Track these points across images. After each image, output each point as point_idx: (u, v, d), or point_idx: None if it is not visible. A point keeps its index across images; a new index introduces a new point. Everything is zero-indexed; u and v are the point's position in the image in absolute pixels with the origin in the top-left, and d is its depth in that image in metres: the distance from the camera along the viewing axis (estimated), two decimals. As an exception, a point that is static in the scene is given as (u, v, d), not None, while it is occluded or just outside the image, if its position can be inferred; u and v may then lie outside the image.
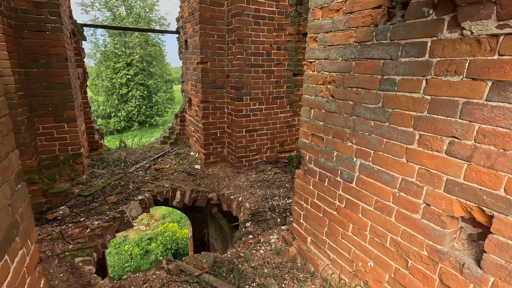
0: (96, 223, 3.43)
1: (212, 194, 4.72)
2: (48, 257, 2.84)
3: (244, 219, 3.74)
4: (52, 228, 3.31)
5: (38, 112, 4.04)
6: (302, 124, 2.54)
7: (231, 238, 5.58)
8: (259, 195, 4.29)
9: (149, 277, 2.60)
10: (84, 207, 3.79)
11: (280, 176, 5.00)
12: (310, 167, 2.49)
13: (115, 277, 7.66)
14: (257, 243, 3.18)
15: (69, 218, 3.52)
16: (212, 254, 2.74)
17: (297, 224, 2.80)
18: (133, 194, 4.22)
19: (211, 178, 5.02)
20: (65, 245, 3.02)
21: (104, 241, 3.32)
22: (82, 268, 2.81)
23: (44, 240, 3.07)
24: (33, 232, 1.75)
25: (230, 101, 5.13)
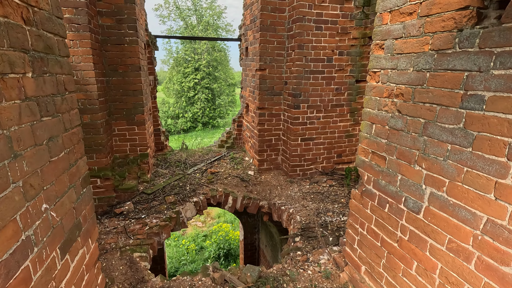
0: (155, 221, 3.68)
1: (263, 202, 4.67)
2: (112, 249, 3.13)
3: (294, 233, 3.58)
4: (118, 221, 3.67)
5: (115, 115, 4.55)
6: (362, 140, 2.29)
7: (280, 248, 5.45)
8: (311, 209, 4.08)
9: (195, 282, 2.65)
10: (146, 205, 4.12)
11: (336, 189, 4.69)
12: (368, 189, 2.23)
13: (172, 269, 8.22)
14: (305, 262, 3.00)
15: (133, 214, 3.86)
16: (257, 269, 2.67)
17: (350, 249, 2.54)
18: (189, 196, 4.44)
19: (263, 186, 4.98)
20: (127, 240, 3.30)
21: (160, 239, 3.53)
22: (139, 263, 3.03)
23: (110, 232, 3.41)
24: (94, 232, 1.90)
25: (286, 108, 5.03)
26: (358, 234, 2.40)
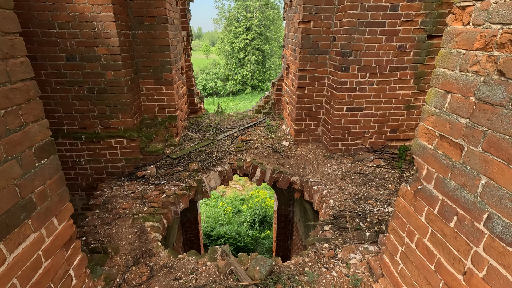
0: (173, 189, 3.45)
1: (295, 177, 4.15)
2: (125, 215, 2.99)
3: (323, 220, 3.04)
4: (138, 185, 3.53)
5: (142, 73, 4.27)
6: (426, 117, 1.55)
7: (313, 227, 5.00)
8: (349, 193, 3.44)
9: (199, 266, 2.36)
10: (169, 170, 3.92)
11: (384, 171, 3.91)
12: (426, 188, 1.54)
13: (208, 228, 8.45)
14: (331, 258, 2.48)
15: (153, 179, 3.69)
16: (269, 263, 2.24)
17: (389, 260, 1.93)
18: (214, 164, 4.12)
19: (297, 159, 4.42)
20: (141, 206, 3.13)
21: (177, 208, 3.32)
22: (149, 233, 2.84)
23: (127, 197, 3.28)
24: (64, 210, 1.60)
25: (332, 71, 4.19)
26: (403, 244, 1.76)
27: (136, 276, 2.25)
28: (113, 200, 3.22)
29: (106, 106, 3.89)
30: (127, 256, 2.48)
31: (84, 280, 1.78)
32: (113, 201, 3.20)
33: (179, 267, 2.38)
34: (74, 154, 4.09)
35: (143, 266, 2.38)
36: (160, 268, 2.37)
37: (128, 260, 2.44)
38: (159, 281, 2.21)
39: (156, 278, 2.24)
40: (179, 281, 2.19)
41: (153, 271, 2.32)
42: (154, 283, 2.19)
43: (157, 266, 2.41)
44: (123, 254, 2.51)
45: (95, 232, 2.79)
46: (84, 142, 4.03)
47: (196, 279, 2.21)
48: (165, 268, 2.37)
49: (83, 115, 3.93)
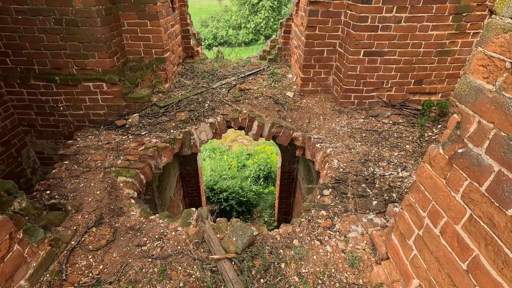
0: (154, 141, 3.03)
1: (297, 133, 3.64)
2: (96, 168, 2.63)
3: (324, 183, 2.59)
4: (116, 135, 3.12)
5: (122, 4, 3.58)
6: (490, 37, 0.95)
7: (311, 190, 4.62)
8: (357, 152, 2.93)
9: (168, 232, 2.01)
10: (153, 119, 3.46)
11: (402, 129, 3.33)
12: (471, 153, 1.01)
13: (211, 182, 8.32)
14: (327, 229, 2.08)
15: (134, 129, 3.26)
16: (249, 232, 1.85)
17: (399, 242, 1.48)
18: (205, 115, 3.62)
19: (302, 112, 3.85)
20: (115, 159, 2.75)
21: (158, 163, 2.93)
22: (122, 190, 2.50)
23: (101, 147, 2.90)
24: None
25: (351, 3, 3.38)
26: (421, 227, 1.29)
27: (94, 240, 1.94)
28: (85, 151, 2.84)
29: (79, 42, 3.33)
30: (90, 215, 2.16)
31: (10, 247, 1.43)
32: (84, 152, 2.83)
33: (146, 230, 2.04)
34: (51, 99, 3.66)
35: (106, 228, 2.06)
36: (125, 231, 2.04)
37: (91, 219, 2.11)
38: (120, 246, 1.89)
39: (117, 243, 1.92)
40: (142, 248, 1.86)
41: (116, 234, 2.00)
42: (113, 248, 1.87)
43: (123, 228, 2.08)
44: (87, 212, 2.18)
45: (61, 185, 2.47)
46: (59, 85, 3.56)
47: (162, 246, 1.86)
48: (131, 231, 2.04)
49: (54, 53, 3.40)
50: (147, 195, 4.65)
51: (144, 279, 1.63)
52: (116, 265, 1.74)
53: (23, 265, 1.52)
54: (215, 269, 1.67)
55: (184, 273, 1.65)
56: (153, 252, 1.82)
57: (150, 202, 4.75)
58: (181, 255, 1.77)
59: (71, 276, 1.66)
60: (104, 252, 1.84)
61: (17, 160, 3.87)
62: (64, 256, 1.77)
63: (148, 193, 4.63)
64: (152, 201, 4.73)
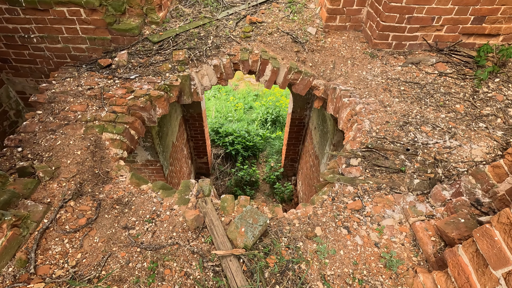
0: (146, 87, 2.49)
1: (318, 81, 3.03)
2: (76, 121, 2.17)
3: (352, 150, 2.13)
4: (99, 79, 2.57)
5: None
6: None
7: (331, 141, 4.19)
8: (394, 112, 2.38)
9: (162, 211, 1.64)
10: (145, 59, 2.84)
11: (450, 82, 2.70)
12: None
13: (216, 124, 7.92)
14: (355, 213, 1.70)
15: (122, 71, 2.68)
16: (262, 220, 1.47)
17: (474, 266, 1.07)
18: (208, 55, 2.97)
19: (325, 55, 3.16)
20: (99, 110, 2.26)
21: (151, 115, 2.44)
22: (108, 149, 2.08)
23: (82, 95, 2.38)
24: None
25: None
26: None
27: (72, 217, 1.59)
28: (62, 98, 2.34)
29: (40, -52, 2.51)
30: (69, 183, 1.78)
31: None
32: (61, 99, 2.33)
33: (136, 206, 1.68)
34: (19, 27, 2.99)
35: (87, 200, 1.69)
36: (110, 205, 1.68)
37: (69, 189, 1.74)
38: (103, 227, 1.54)
39: (100, 222, 1.57)
40: (129, 232, 1.51)
41: (100, 210, 1.64)
42: (95, 230, 1.53)
43: (108, 200, 1.71)
44: (64, 179, 1.80)
45: (34, 142, 2.04)
46: (26, 10, 2.86)
47: (154, 231, 1.52)
48: (118, 206, 1.68)
49: (12, -36, 2.61)
50: (147, 142, 4.30)
51: (131, 277, 1.32)
52: (98, 254, 1.41)
53: (-26, 262, 1.19)
54: (218, 268, 1.34)
55: (180, 273, 1.32)
56: (143, 239, 1.48)
57: (150, 149, 4.42)
58: (176, 246, 1.43)
59: (42, 268, 1.35)
60: (83, 234, 1.51)
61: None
62: (34, 240, 1.44)
63: (148, 140, 4.26)
64: (152, 148, 4.40)
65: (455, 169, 1.90)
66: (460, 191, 1.61)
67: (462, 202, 1.52)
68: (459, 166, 1.92)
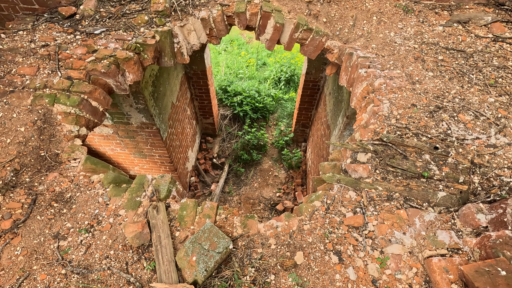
0: (112, 46, 2.01)
1: (332, 41, 2.41)
2: (23, 88, 1.78)
3: (361, 142, 1.65)
4: (58, 33, 2.10)
5: None
6: None
7: (345, 113, 3.65)
8: (425, 91, 1.81)
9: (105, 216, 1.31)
10: (118, 7, 2.31)
11: (508, 51, 2.03)
12: None
13: (225, 82, 7.36)
14: (353, 231, 1.30)
15: (87, 23, 2.18)
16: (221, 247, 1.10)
17: None
18: (196, 4, 2.38)
19: (344, 8, 2.48)
20: (52, 75, 1.85)
21: (119, 83, 2.00)
22: (60, 125, 1.71)
23: (33, 54, 1.95)
24: None
25: None
26: None
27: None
28: (9, 57, 1.92)
29: None
30: (4, 169, 1.46)
31: None
32: (8, 58, 1.91)
33: (78, 205, 1.36)
34: (-28, -37, 2.47)
35: (20, 195, 1.38)
36: (48, 202, 1.37)
37: (2, 177, 1.42)
38: (31, 233, 1.25)
39: (29, 226, 1.27)
40: (59, 244, 1.21)
41: (33, 208, 1.33)
42: (20, 237, 1.23)
43: (47, 195, 1.40)
44: (1, 163, 1.48)
45: (-26, 113, 1.70)
46: None
47: (89, 246, 1.20)
48: (56, 204, 1.36)
49: None
50: (139, 104, 3.92)
51: (45, 312, 1.04)
52: (14, 273, 1.13)
53: None
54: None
55: (105, 313, 1.03)
56: (73, 255, 1.18)
57: (144, 112, 4.06)
58: (109, 272, 1.12)
59: None
60: (4, 243, 1.22)
61: (-34, 54, 3.03)
62: None
63: (140, 102, 3.88)
64: (146, 111, 4.04)
65: (498, 179, 1.42)
66: (504, 219, 1.15)
67: (505, 239, 1.07)
68: (505, 175, 1.42)
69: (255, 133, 6.63)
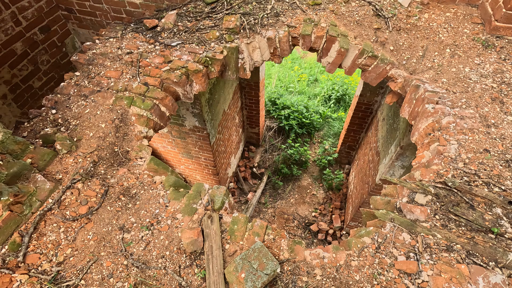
0: (185, 58, 2.19)
1: (397, 71, 2.34)
2: (108, 89, 2.03)
3: (421, 182, 1.56)
4: (141, 42, 2.35)
5: None
6: None
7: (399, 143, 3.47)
8: (502, 136, 1.67)
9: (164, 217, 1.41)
10: (193, 22, 2.51)
11: None
12: None
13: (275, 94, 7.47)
14: (405, 277, 1.24)
15: (166, 35, 2.41)
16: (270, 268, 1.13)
17: None
18: (264, 24, 2.50)
19: (415, 37, 2.40)
20: (132, 80, 2.07)
21: (186, 92, 2.17)
22: (133, 126, 1.91)
23: (119, 59, 2.21)
24: None
25: None
26: None
27: (75, 202, 1.48)
28: (100, 61, 2.20)
29: None
30: (85, 159, 1.67)
31: None
32: (99, 62, 2.19)
33: (141, 202, 1.49)
34: (81, -23, 2.90)
35: (95, 185, 1.57)
36: (117, 195, 1.53)
37: (83, 167, 1.63)
38: (101, 222, 1.40)
39: (100, 215, 1.43)
40: (123, 236, 1.34)
41: (105, 199, 1.50)
42: (92, 224, 1.39)
43: (117, 188, 1.56)
44: (82, 154, 1.70)
45: (67, 106, 1.98)
46: (85, -42, 2.72)
47: (148, 242, 1.31)
48: (124, 198, 1.52)
49: None
50: (195, 109, 4.17)
51: (107, 297, 1.16)
52: (85, 256, 1.28)
53: (-40, 243, 1.14)
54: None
55: (157, 310, 1.11)
56: (134, 249, 1.30)
57: (198, 116, 4.30)
58: (164, 272, 1.21)
59: (31, 256, 1.28)
60: (80, 226, 1.39)
61: (62, 50, 3.54)
62: (32, 222, 1.37)
63: (196, 107, 4.12)
64: (200, 115, 4.27)
65: None
66: None
67: None
68: None
69: (298, 148, 6.60)
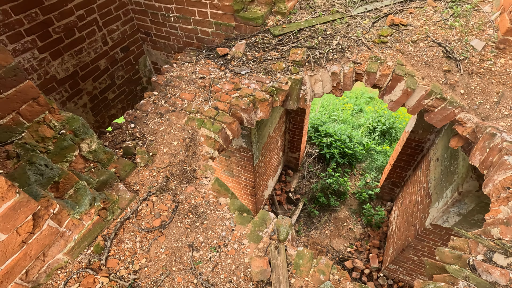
0: (253, 87, 2.33)
1: (467, 115, 2.25)
2: (181, 110, 2.20)
3: (500, 240, 1.45)
4: (213, 69, 2.54)
5: None
6: None
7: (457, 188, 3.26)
8: None
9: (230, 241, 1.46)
10: (261, 53, 2.67)
11: None
12: None
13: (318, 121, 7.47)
14: None
15: (235, 63, 2.59)
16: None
17: None
18: (329, 58, 2.57)
19: (489, 82, 2.30)
20: (204, 103, 2.23)
21: (251, 118, 2.28)
22: (201, 146, 2.04)
23: (193, 83, 2.40)
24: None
25: None
26: None
27: (150, 214, 1.59)
28: (176, 83, 2.41)
29: None
30: (158, 174, 1.81)
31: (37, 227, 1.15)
32: (175, 84, 2.40)
33: (208, 222, 1.57)
34: (163, 6, 3.26)
35: (168, 199, 1.68)
36: (186, 212, 1.62)
37: (157, 181, 1.76)
38: (172, 236, 1.49)
39: (171, 230, 1.52)
40: (192, 254, 1.41)
41: (175, 214, 1.60)
42: (164, 237, 1.49)
43: (186, 205, 1.66)
44: (156, 168, 1.84)
45: (144, 122, 2.18)
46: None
47: (216, 264, 1.36)
48: (192, 215, 1.60)
49: None
50: (244, 131, 4.31)
51: (178, 313, 1.21)
52: (158, 268, 1.36)
53: (60, 240, 1.29)
54: None
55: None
56: (203, 269, 1.35)
57: (245, 138, 4.44)
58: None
59: (111, 261, 1.39)
60: (153, 238, 1.49)
61: (135, 68, 3.93)
62: (113, 228, 1.50)
63: (246, 128, 4.26)
64: (248, 137, 4.40)
65: None
66: None
67: None
68: None
69: (338, 178, 6.44)
